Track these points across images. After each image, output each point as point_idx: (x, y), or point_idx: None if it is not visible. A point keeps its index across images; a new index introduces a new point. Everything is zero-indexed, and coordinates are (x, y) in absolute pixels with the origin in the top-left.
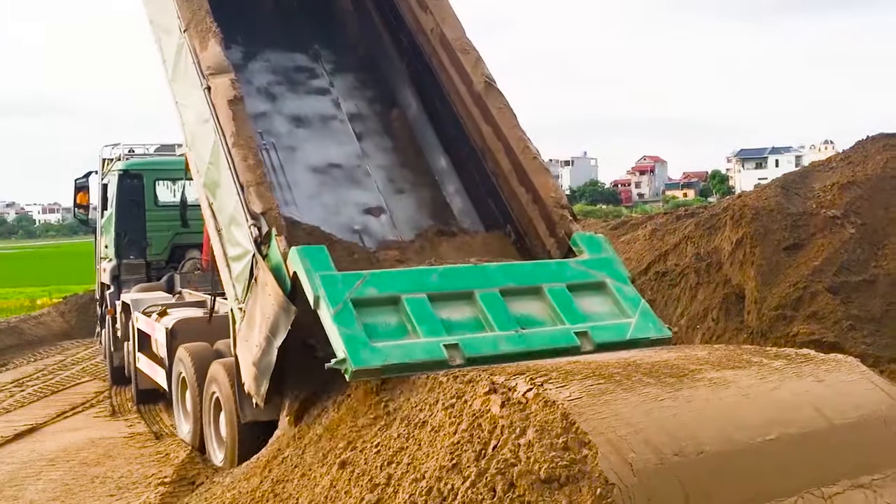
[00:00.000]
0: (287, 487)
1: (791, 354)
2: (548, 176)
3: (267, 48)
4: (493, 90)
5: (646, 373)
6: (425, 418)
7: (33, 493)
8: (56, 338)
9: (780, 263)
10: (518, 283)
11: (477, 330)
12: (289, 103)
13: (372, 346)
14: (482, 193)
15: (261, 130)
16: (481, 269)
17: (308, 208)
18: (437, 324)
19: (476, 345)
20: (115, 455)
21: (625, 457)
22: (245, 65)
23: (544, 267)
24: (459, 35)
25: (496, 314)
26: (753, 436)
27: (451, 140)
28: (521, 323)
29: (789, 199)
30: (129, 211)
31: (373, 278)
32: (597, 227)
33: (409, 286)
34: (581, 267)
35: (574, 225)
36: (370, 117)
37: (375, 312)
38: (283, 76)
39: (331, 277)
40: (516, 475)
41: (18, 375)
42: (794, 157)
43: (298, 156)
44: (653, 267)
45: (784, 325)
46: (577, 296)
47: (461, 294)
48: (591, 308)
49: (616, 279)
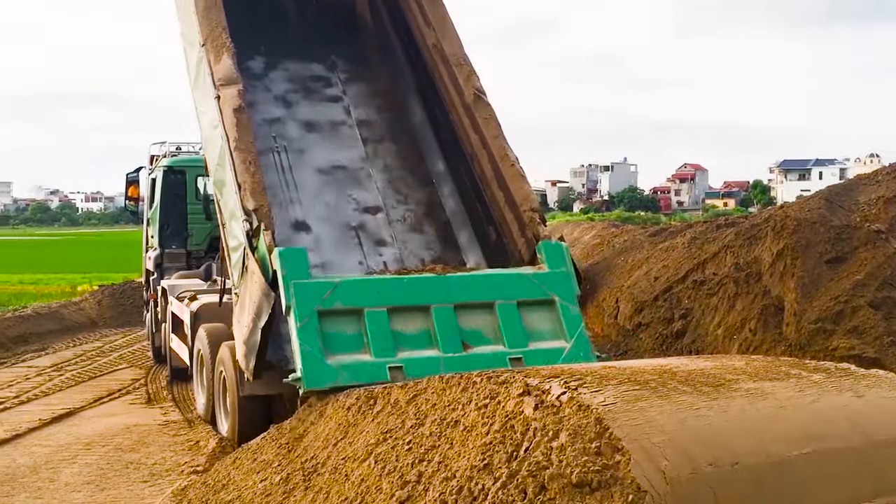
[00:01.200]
0: (318, 481)
1: (830, 368)
2: (523, 182)
3: (287, 58)
4: (481, 101)
5: (682, 381)
6: (458, 417)
7: (69, 476)
8: (93, 325)
9: (822, 276)
10: (473, 299)
11: (424, 346)
12: (303, 109)
13: (326, 363)
14: (471, 196)
15: (274, 134)
16: (443, 282)
17: (311, 205)
18: (388, 341)
19: (417, 367)
20: (150, 442)
21: (658, 464)
22: (266, 74)
23: (502, 281)
24: (456, 50)
25: (445, 331)
26: (789, 449)
27: (448, 146)
28: (466, 339)
29: (833, 211)
30: (172, 204)
31: (342, 288)
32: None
33: (373, 299)
34: (536, 281)
35: (541, 227)
36: (378, 123)
37: (338, 322)
38: (300, 84)
39: (303, 287)
40: (548, 478)
41: (58, 360)
42: (839, 170)
43: (307, 158)
44: (690, 275)
45: (823, 339)
46: (526, 311)
47: (418, 308)
48: (535, 325)
49: (565, 298)
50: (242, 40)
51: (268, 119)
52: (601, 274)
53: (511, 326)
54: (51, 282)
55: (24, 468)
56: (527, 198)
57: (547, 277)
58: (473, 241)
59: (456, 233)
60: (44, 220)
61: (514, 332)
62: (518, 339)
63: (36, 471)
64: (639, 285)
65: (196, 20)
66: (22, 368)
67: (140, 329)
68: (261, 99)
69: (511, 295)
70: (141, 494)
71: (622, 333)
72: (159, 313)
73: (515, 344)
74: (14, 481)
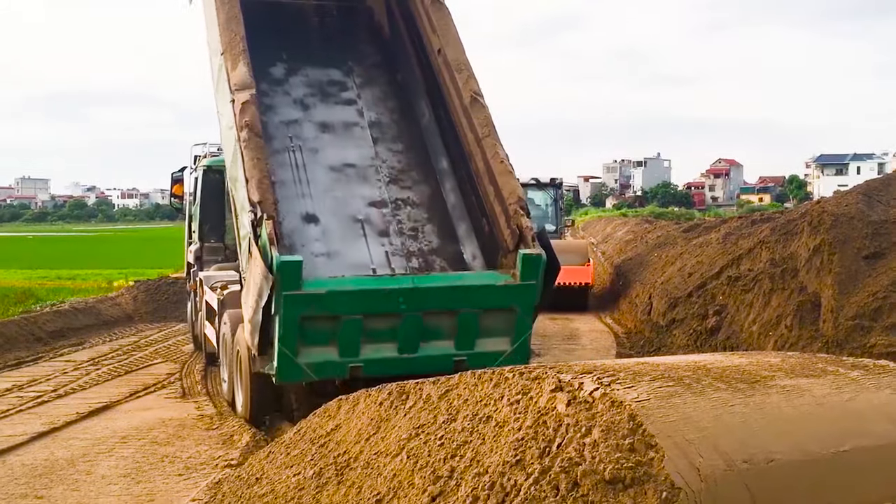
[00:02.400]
0: (350, 475)
1: (868, 365)
2: (510, 177)
3: (307, 64)
4: (477, 103)
5: (717, 377)
6: (490, 413)
7: (105, 469)
8: (129, 320)
9: (859, 272)
10: (441, 307)
11: (386, 343)
12: (319, 112)
13: (296, 363)
14: (468, 191)
15: (291, 135)
16: (419, 293)
17: (321, 200)
18: (355, 343)
19: (374, 367)
20: (185, 436)
21: (692, 461)
22: (286, 79)
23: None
24: (458, 55)
25: (407, 334)
26: (826, 446)
27: (451, 145)
28: (424, 337)
29: (871, 206)
30: (210, 201)
31: (326, 298)
32: (668, 228)
33: (352, 308)
34: (502, 293)
35: (524, 219)
36: (388, 124)
37: (317, 324)
38: (318, 88)
39: (293, 298)
40: (580, 474)
41: (94, 354)
42: (877, 165)
43: (320, 156)
44: (725, 271)
45: (861, 336)
46: (484, 315)
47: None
48: (488, 327)
49: (523, 308)
50: (266, 48)
51: (285, 121)
52: (634, 270)
53: (465, 330)
54: (87, 277)
55: (62, 461)
56: (512, 192)
57: (515, 290)
58: (470, 232)
59: (455, 225)
60: (81, 217)
61: (465, 336)
62: (467, 342)
63: (73, 463)
64: (672, 281)
65: (218, 31)
66: (59, 363)
67: (175, 324)
68: (280, 102)
69: (476, 304)
70: (176, 488)
71: (655, 329)
72: (198, 302)
73: (463, 346)
74: (52, 473)
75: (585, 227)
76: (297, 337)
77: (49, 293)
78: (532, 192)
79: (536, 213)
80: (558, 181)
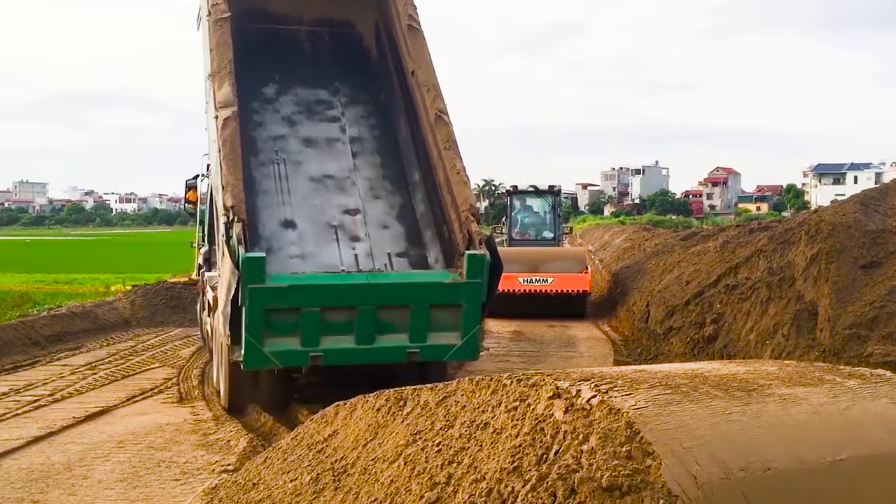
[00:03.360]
0: (347, 481)
1: (865, 374)
2: (464, 187)
3: (297, 85)
4: (441, 120)
5: (714, 385)
6: (488, 420)
7: (102, 474)
8: (126, 324)
9: (857, 281)
10: (393, 303)
11: (344, 335)
12: (304, 128)
13: (262, 351)
14: (434, 199)
15: (276, 149)
16: (372, 289)
17: (300, 207)
18: (315, 334)
19: (333, 356)
20: (182, 440)
21: (689, 469)
22: (277, 98)
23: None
24: (428, 77)
25: (363, 326)
26: (823, 455)
27: (422, 159)
28: (379, 330)
29: (868, 215)
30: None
31: (288, 292)
32: (666, 236)
33: (312, 301)
34: (450, 290)
35: (473, 225)
36: (369, 140)
37: (280, 316)
38: (305, 107)
39: (257, 291)
40: (577, 481)
41: (91, 359)
42: (874, 174)
43: (302, 168)
44: (723, 279)
45: (858, 345)
46: (435, 310)
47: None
48: (439, 321)
49: (470, 304)
50: (260, 70)
51: (273, 136)
52: (632, 277)
53: (417, 324)
54: (85, 281)
55: (59, 465)
56: (465, 200)
57: (461, 287)
58: (434, 238)
59: (422, 231)
60: (78, 221)
61: (417, 329)
62: (419, 335)
63: (70, 468)
64: (670, 289)
65: (209, 55)
66: (56, 367)
67: (172, 329)
68: (269, 119)
69: (426, 300)
70: (172, 493)
71: (653, 337)
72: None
73: (416, 339)
74: (48, 478)
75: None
76: (263, 327)
77: (46, 297)
78: (531, 199)
79: (535, 220)
80: (557, 188)
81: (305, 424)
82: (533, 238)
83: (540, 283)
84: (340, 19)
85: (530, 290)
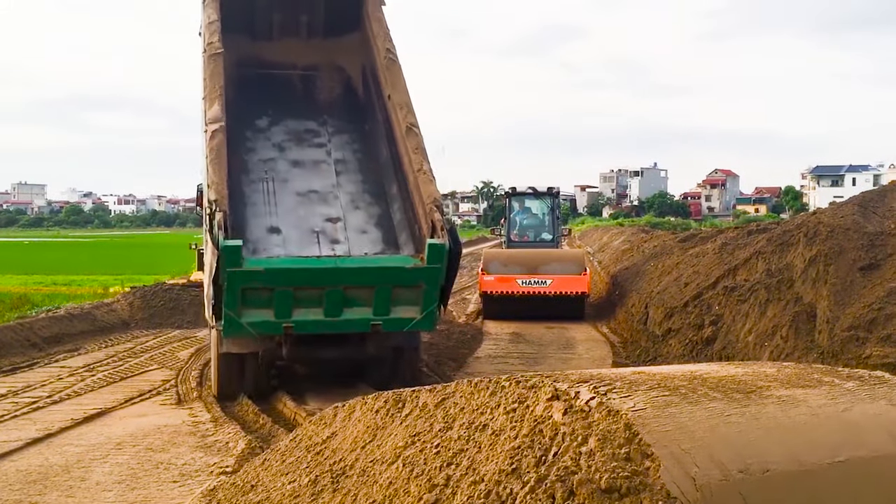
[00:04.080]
0: (346, 483)
1: (864, 376)
2: (430, 184)
3: (288, 117)
4: (412, 132)
5: (712, 387)
6: (486, 421)
7: (100, 476)
8: (125, 326)
9: (855, 283)
10: (359, 284)
11: (314, 308)
12: (293, 153)
13: (239, 322)
14: (409, 206)
15: (266, 169)
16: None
17: (285, 216)
18: (287, 308)
19: (304, 326)
20: (180, 442)
21: (688, 471)
22: (269, 128)
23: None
24: (402, 98)
25: (331, 302)
26: (822, 457)
27: (400, 174)
28: (347, 304)
29: (867, 217)
30: None
31: (264, 275)
32: (664, 238)
33: (285, 282)
34: (411, 274)
35: (437, 214)
36: (351, 161)
37: (255, 293)
38: (294, 136)
39: (235, 274)
40: (576, 483)
41: (90, 360)
42: (873, 176)
43: (289, 185)
44: (721, 281)
45: (856, 347)
46: (397, 289)
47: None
48: (400, 298)
49: (429, 285)
50: (255, 105)
51: (263, 159)
52: (630, 279)
53: (381, 300)
54: (83, 283)
55: (57, 467)
56: (430, 195)
57: (422, 272)
58: (409, 240)
59: (398, 235)
60: (77, 222)
61: (381, 304)
62: (383, 309)
63: (68, 470)
64: (668, 291)
65: (202, 83)
66: (55, 368)
67: (171, 330)
68: (261, 146)
69: (389, 281)
70: (171, 495)
71: (651, 339)
72: None
73: (379, 313)
74: (46, 480)
75: (582, 236)
76: (240, 302)
77: (45, 299)
78: (529, 201)
79: (533, 222)
80: (555, 190)
81: (304, 426)
82: (531, 240)
83: (539, 285)
84: (330, 64)
85: (529, 292)
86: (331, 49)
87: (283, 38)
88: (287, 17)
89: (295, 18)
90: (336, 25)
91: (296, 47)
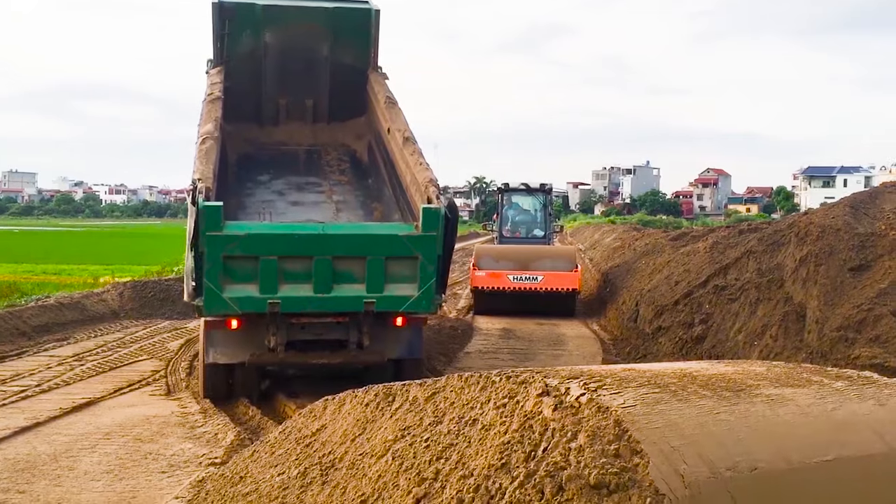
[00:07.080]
0: (335, 476)
1: (853, 376)
2: (427, 171)
3: (291, 174)
4: (408, 142)
5: (702, 385)
6: (476, 416)
7: (88, 465)
8: (115, 316)
9: (845, 284)
10: (349, 253)
11: (302, 283)
12: (292, 196)
13: (221, 297)
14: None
15: (263, 208)
16: (327, 239)
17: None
18: (273, 281)
19: (291, 304)
20: (168, 433)
21: (677, 468)
22: (270, 182)
23: (376, 240)
24: (400, 125)
25: (320, 275)
26: (810, 455)
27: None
28: (337, 280)
29: (858, 218)
30: None
31: (246, 240)
32: (656, 236)
33: (269, 249)
34: (405, 242)
35: (433, 189)
36: (352, 202)
37: (238, 263)
38: (296, 186)
39: (214, 238)
40: (565, 479)
41: (79, 350)
42: (864, 178)
43: (286, 217)
44: (712, 280)
45: (845, 347)
46: (391, 262)
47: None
48: (395, 273)
49: (426, 257)
50: (260, 167)
51: (262, 200)
52: (621, 277)
53: (373, 275)
54: (73, 272)
55: (45, 456)
56: (426, 177)
57: (417, 239)
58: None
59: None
60: (68, 212)
61: (374, 280)
62: (376, 285)
63: (56, 459)
64: (659, 289)
65: (202, 107)
66: (44, 357)
67: (161, 321)
68: (261, 193)
69: (382, 252)
70: (159, 485)
71: (641, 337)
72: None
73: (373, 290)
74: (34, 469)
75: (574, 233)
76: (221, 274)
77: (34, 287)
78: (521, 197)
79: (525, 218)
80: (548, 187)
81: (293, 419)
82: (523, 236)
83: (530, 281)
84: (337, 144)
85: (520, 288)
86: (336, 130)
87: (290, 122)
88: (292, 101)
89: (301, 102)
90: (342, 110)
91: (301, 130)
